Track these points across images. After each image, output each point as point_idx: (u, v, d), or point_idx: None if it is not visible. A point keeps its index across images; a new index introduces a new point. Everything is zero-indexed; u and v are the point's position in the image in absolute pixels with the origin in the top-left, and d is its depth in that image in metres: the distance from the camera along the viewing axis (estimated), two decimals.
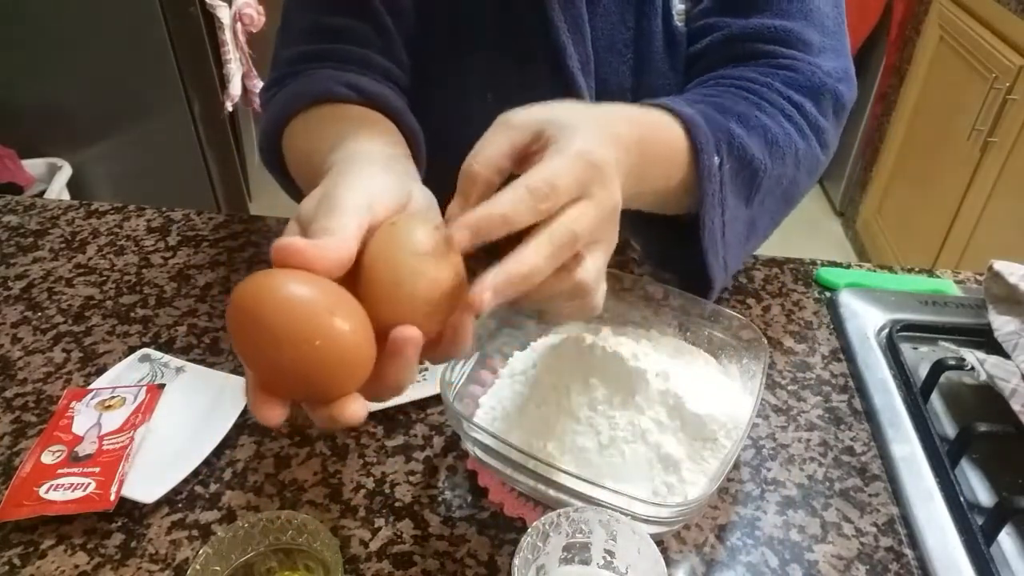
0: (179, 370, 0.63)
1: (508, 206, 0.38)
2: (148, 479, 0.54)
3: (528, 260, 0.38)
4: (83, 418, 0.58)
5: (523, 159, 0.43)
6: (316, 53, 0.67)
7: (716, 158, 0.57)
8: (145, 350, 0.65)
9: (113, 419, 0.58)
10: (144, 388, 0.61)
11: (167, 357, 0.65)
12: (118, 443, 0.56)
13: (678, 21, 0.69)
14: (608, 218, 0.43)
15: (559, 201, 0.40)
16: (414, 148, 0.61)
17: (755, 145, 0.60)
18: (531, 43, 0.69)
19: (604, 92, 0.71)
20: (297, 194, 0.68)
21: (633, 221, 0.58)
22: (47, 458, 0.55)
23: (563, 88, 0.69)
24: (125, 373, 0.63)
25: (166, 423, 0.58)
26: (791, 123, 0.64)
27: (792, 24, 0.67)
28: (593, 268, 0.43)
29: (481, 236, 0.38)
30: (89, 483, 0.53)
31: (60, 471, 0.54)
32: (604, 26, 0.69)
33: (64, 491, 0.52)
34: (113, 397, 0.60)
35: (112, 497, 0.52)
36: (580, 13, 0.68)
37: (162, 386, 0.61)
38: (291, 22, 0.71)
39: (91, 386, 0.62)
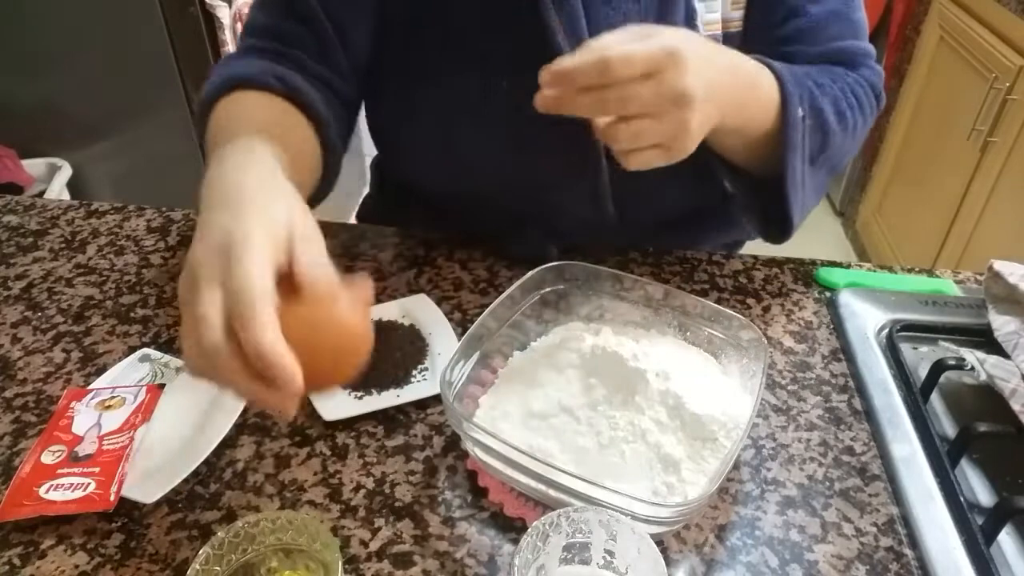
0: (179, 370, 0.63)
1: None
2: (148, 479, 0.54)
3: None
4: (83, 418, 0.58)
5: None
6: (263, 47, 0.71)
7: (800, 111, 0.63)
8: (145, 350, 0.65)
9: (113, 419, 0.58)
10: (144, 388, 0.61)
11: (167, 357, 0.65)
12: (118, 443, 0.56)
13: (706, 31, 0.70)
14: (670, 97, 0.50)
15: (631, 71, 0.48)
16: (323, 137, 0.68)
17: (828, 110, 0.67)
18: (526, 46, 0.68)
19: None
20: None
21: (720, 169, 0.69)
22: (47, 458, 0.55)
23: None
24: (125, 373, 0.63)
25: (166, 423, 0.58)
26: (856, 99, 0.71)
27: (857, 43, 0.74)
28: (684, 82, 0.50)
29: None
30: (89, 483, 0.53)
31: (60, 471, 0.54)
32: (612, 27, 0.69)
33: (64, 491, 0.52)
34: (113, 397, 0.60)
35: (112, 497, 0.52)
36: (577, 14, 0.67)
37: (162, 386, 0.61)
38: (253, 16, 0.75)
39: (91, 386, 0.62)
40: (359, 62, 0.73)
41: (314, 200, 0.70)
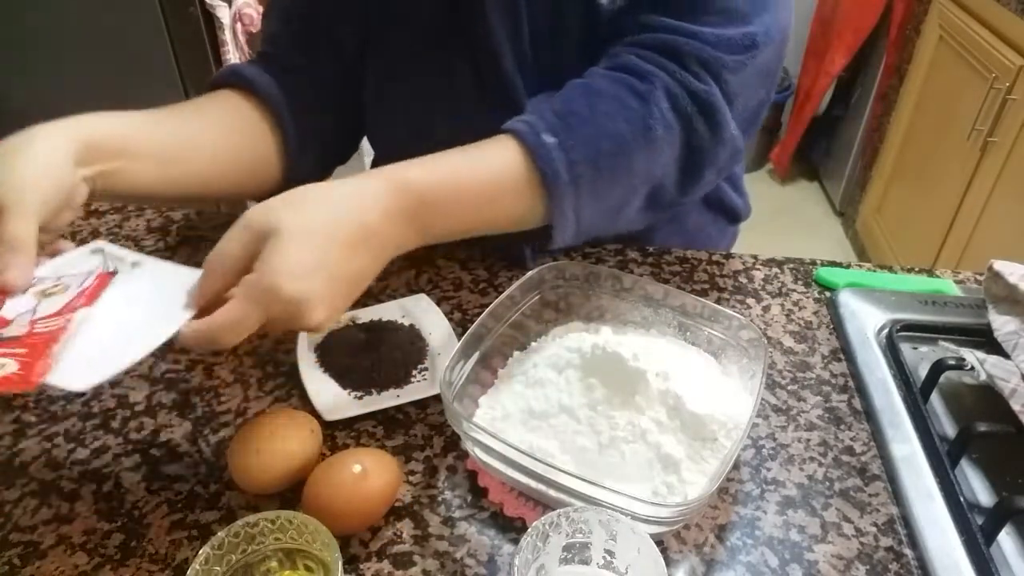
0: (135, 264, 0.55)
1: (192, 344, 0.48)
2: (82, 366, 0.46)
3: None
4: (16, 303, 0.50)
5: (251, 257, 0.49)
6: (261, 52, 0.77)
7: (562, 172, 0.59)
8: (99, 243, 0.58)
9: (51, 305, 0.50)
10: (93, 275, 0.53)
11: (124, 251, 0.56)
12: (52, 326, 0.48)
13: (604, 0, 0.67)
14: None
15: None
16: (279, 126, 0.72)
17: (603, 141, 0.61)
18: (475, 49, 0.70)
19: (537, 82, 0.70)
20: None
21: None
22: None
23: (505, 90, 0.70)
24: (71, 263, 0.56)
25: (111, 313, 0.50)
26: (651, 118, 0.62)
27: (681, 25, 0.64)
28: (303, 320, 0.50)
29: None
30: (8, 363, 0.45)
31: None
32: (534, 21, 0.69)
33: None
34: (56, 285, 0.52)
35: (34, 378, 0.44)
36: (519, 13, 0.68)
37: (113, 273, 0.54)
38: (265, 26, 0.80)
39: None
40: (352, 62, 0.75)
41: (296, 179, 0.69)
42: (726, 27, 0.64)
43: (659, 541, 0.51)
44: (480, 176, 0.58)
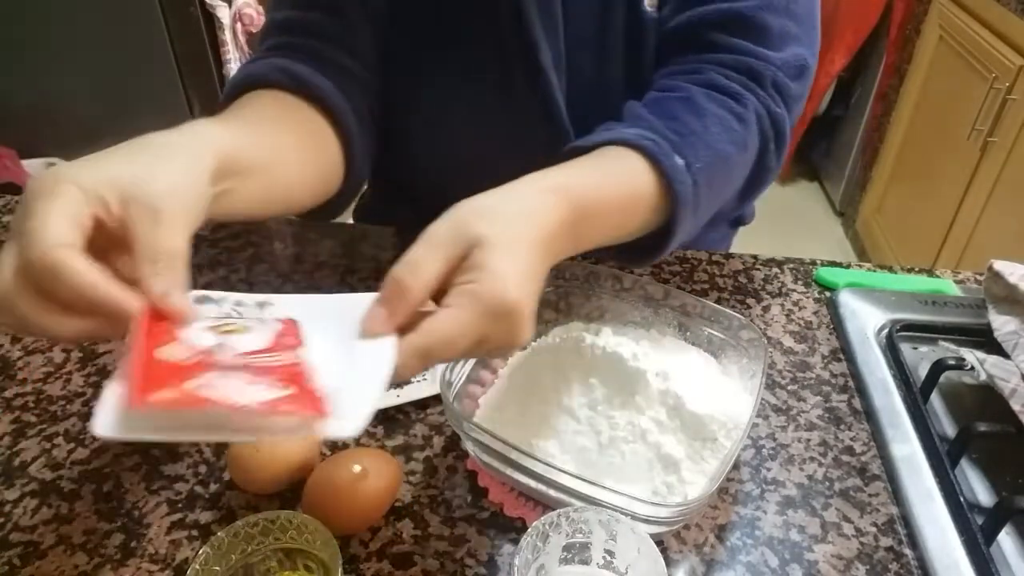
0: (262, 305, 0.46)
1: (405, 370, 0.42)
2: (344, 409, 0.38)
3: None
4: (193, 336, 0.40)
5: (452, 271, 0.44)
6: (280, 44, 0.68)
7: (688, 184, 0.58)
8: (198, 292, 0.45)
9: (245, 342, 0.41)
10: (276, 320, 0.44)
11: (226, 293, 0.46)
12: (279, 361, 0.40)
13: (648, 6, 0.68)
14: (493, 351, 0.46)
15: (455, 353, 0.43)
16: (342, 130, 0.65)
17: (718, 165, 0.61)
18: (505, 40, 0.69)
19: (572, 86, 0.71)
20: None
21: None
22: (170, 354, 0.37)
23: (536, 84, 0.70)
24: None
25: (320, 353, 0.42)
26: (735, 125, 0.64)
27: (743, 5, 0.65)
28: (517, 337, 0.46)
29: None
30: (277, 384, 0.37)
31: (213, 372, 0.37)
32: (573, 20, 0.69)
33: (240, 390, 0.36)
34: (225, 322, 0.42)
35: (322, 404, 0.37)
36: (556, 9, 0.68)
37: (294, 321, 0.44)
38: (267, 20, 0.73)
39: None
40: (381, 51, 0.72)
41: (351, 187, 0.68)
42: (783, 50, 0.66)
43: (659, 541, 0.51)
44: (622, 191, 0.57)
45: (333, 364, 0.41)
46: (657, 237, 0.60)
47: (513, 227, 0.46)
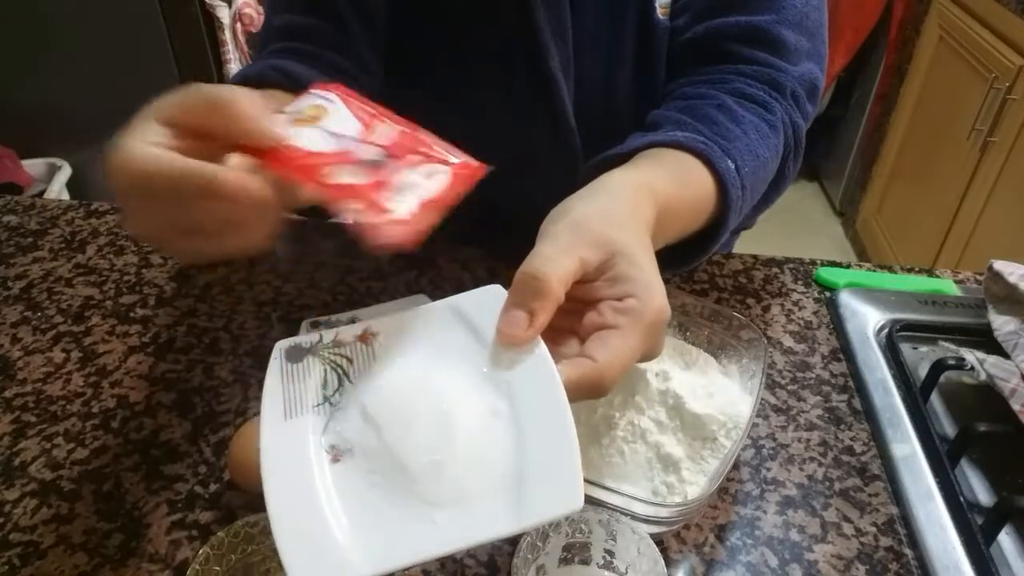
0: (352, 319, 0.46)
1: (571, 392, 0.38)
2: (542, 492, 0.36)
3: None
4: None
5: (589, 277, 0.43)
6: (278, 50, 0.69)
7: (738, 186, 0.58)
8: (306, 322, 0.53)
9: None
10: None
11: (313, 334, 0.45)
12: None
13: (661, 15, 0.69)
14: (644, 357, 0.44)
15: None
16: None
17: (760, 168, 0.62)
18: (513, 44, 0.69)
19: (579, 90, 0.71)
20: None
21: None
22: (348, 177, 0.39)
23: (543, 89, 0.70)
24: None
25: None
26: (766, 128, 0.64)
27: (760, 19, 0.66)
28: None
29: None
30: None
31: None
32: (581, 25, 0.69)
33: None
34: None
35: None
36: (564, 16, 0.68)
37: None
38: (265, 24, 0.74)
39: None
40: (381, 55, 0.72)
41: None
42: (798, 64, 0.68)
43: (659, 541, 0.51)
44: (689, 193, 0.56)
45: (502, 439, 0.36)
46: (695, 242, 0.60)
47: (639, 232, 0.45)
